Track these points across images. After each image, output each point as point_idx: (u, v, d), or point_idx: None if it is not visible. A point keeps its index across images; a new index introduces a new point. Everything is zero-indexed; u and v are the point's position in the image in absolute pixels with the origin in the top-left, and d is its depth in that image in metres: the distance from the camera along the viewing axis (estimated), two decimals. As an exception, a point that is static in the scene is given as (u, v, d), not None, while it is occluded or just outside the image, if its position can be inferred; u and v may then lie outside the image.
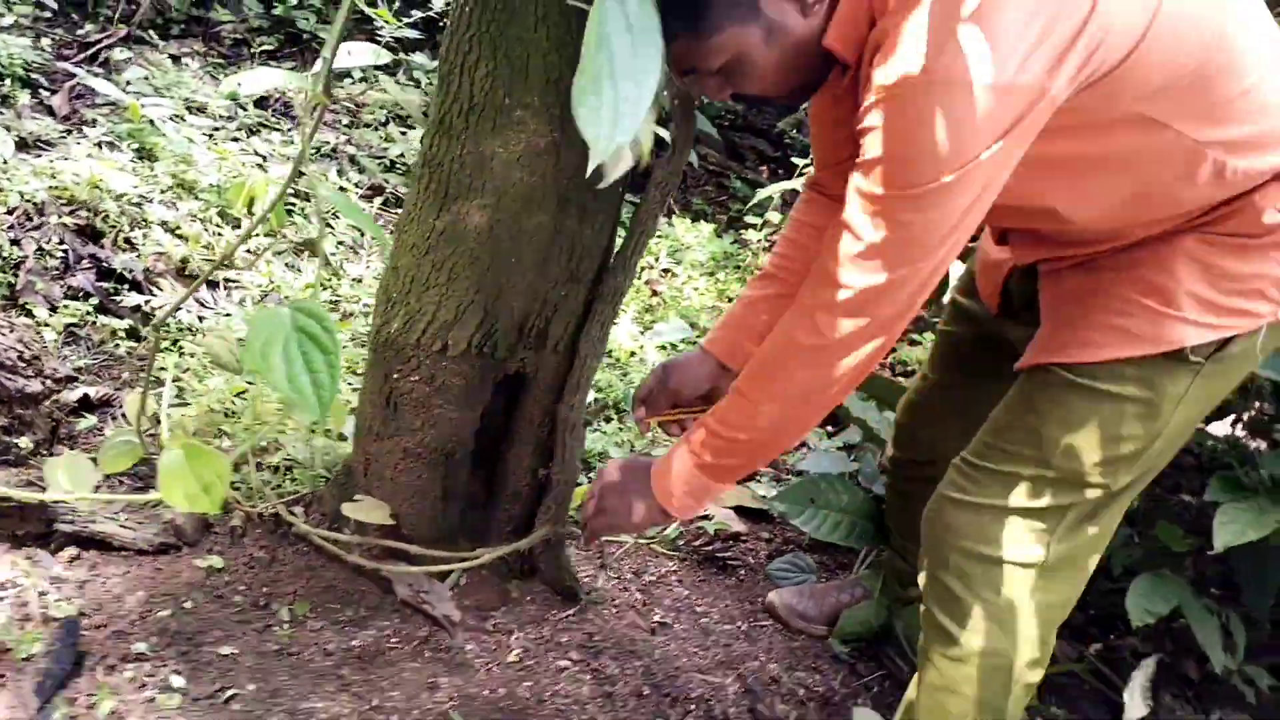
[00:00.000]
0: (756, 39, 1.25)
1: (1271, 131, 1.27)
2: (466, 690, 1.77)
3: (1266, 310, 1.34)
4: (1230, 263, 1.33)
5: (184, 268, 2.77)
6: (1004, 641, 1.50)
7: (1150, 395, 1.37)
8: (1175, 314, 1.33)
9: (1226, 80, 1.22)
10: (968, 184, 1.15)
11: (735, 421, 1.43)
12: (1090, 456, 1.41)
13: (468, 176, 1.60)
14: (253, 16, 4.37)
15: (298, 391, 1.02)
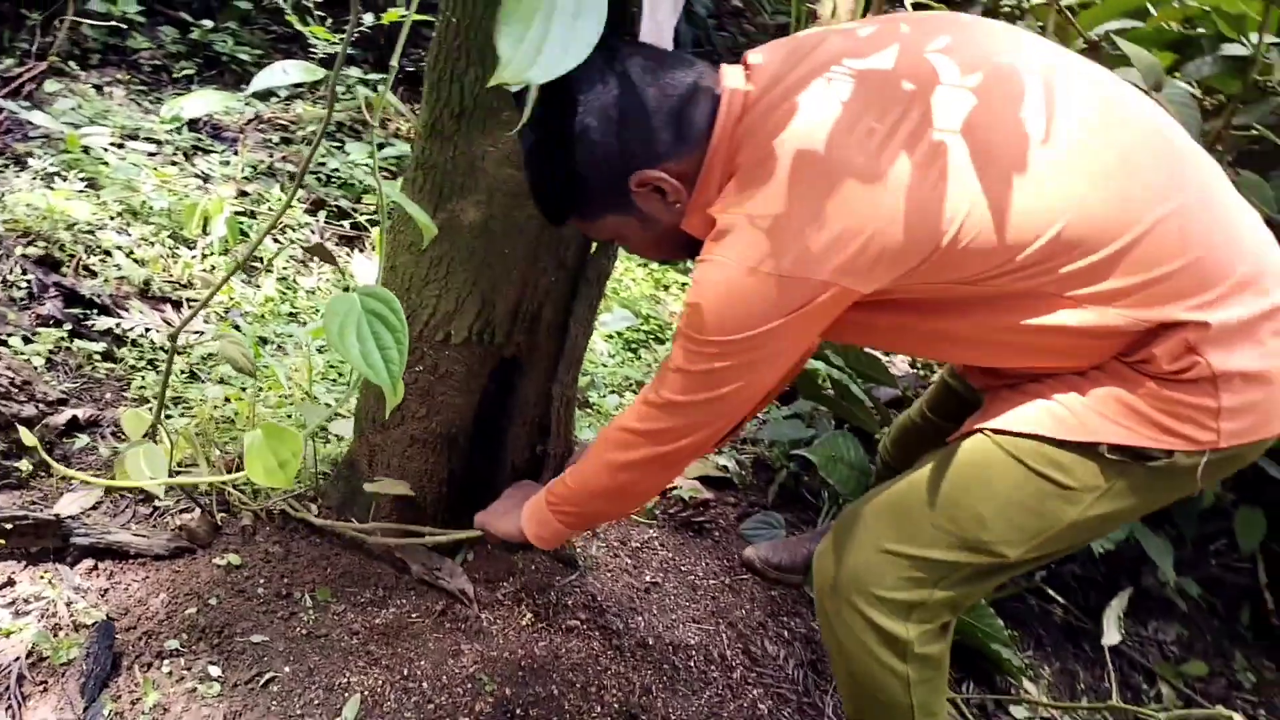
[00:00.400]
0: (634, 226, 1.50)
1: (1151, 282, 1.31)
2: (488, 654, 1.90)
3: (1204, 437, 1.35)
4: (1161, 387, 1.36)
5: (146, 290, 2.83)
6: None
7: (1069, 481, 1.41)
8: (1098, 410, 1.39)
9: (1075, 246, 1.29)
10: (747, 349, 1.35)
11: (572, 497, 1.68)
12: (995, 522, 1.45)
13: (461, 176, 1.73)
14: (169, 42, 4.39)
15: (371, 367, 1.14)
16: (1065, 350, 1.39)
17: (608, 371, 3.17)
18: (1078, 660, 2.43)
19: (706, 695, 1.97)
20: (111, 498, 2.14)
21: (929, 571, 1.48)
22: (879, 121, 1.28)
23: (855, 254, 1.27)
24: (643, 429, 1.51)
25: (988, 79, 1.31)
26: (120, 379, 2.50)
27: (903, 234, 1.27)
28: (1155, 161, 1.32)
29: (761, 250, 1.29)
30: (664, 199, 1.44)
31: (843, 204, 1.26)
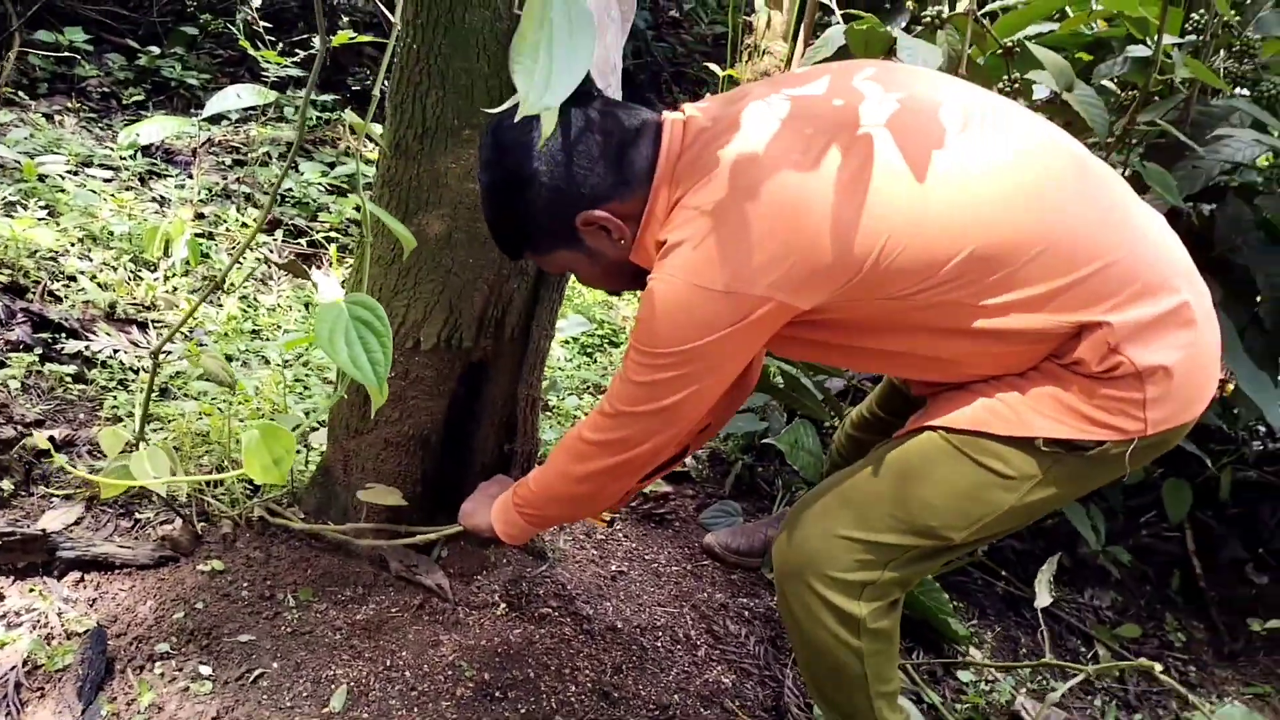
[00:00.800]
0: (583, 260, 1.64)
1: (1062, 289, 1.43)
2: (466, 643, 2.01)
3: (1133, 427, 1.48)
4: (1091, 383, 1.48)
5: (112, 312, 2.90)
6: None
7: (1008, 471, 1.53)
8: (1028, 405, 1.51)
9: (993, 260, 1.41)
10: (692, 360, 1.47)
11: (535, 500, 1.79)
12: (940, 509, 1.57)
13: (425, 191, 1.84)
14: (117, 69, 4.45)
15: (359, 369, 1.25)
16: (994, 357, 1.52)
17: (566, 375, 3.29)
18: (1019, 627, 2.58)
19: (674, 672, 2.09)
20: (93, 513, 2.22)
21: (880, 554, 1.60)
22: (810, 151, 1.42)
23: (789, 271, 1.40)
24: (597, 439, 1.62)
25: (909, 111, 1.45)
26: (92, 399, 2.58)
27: (831, 253, 1.39)
28: (1063, 179, 1.46)
29: (704, 267, 1.41)
30: (609, 236, 1.57)
31: (777, 225, 1.39)
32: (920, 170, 1.41)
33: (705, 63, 5.26)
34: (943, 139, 1.44)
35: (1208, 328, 1.52)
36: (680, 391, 1.51)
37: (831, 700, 1.76)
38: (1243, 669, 2.70)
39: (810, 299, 1.44)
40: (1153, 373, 1.45)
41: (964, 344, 1.51)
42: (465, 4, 1.70)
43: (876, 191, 1.39)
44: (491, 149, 1.56)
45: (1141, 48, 2.56)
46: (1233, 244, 2.62)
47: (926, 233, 1.40)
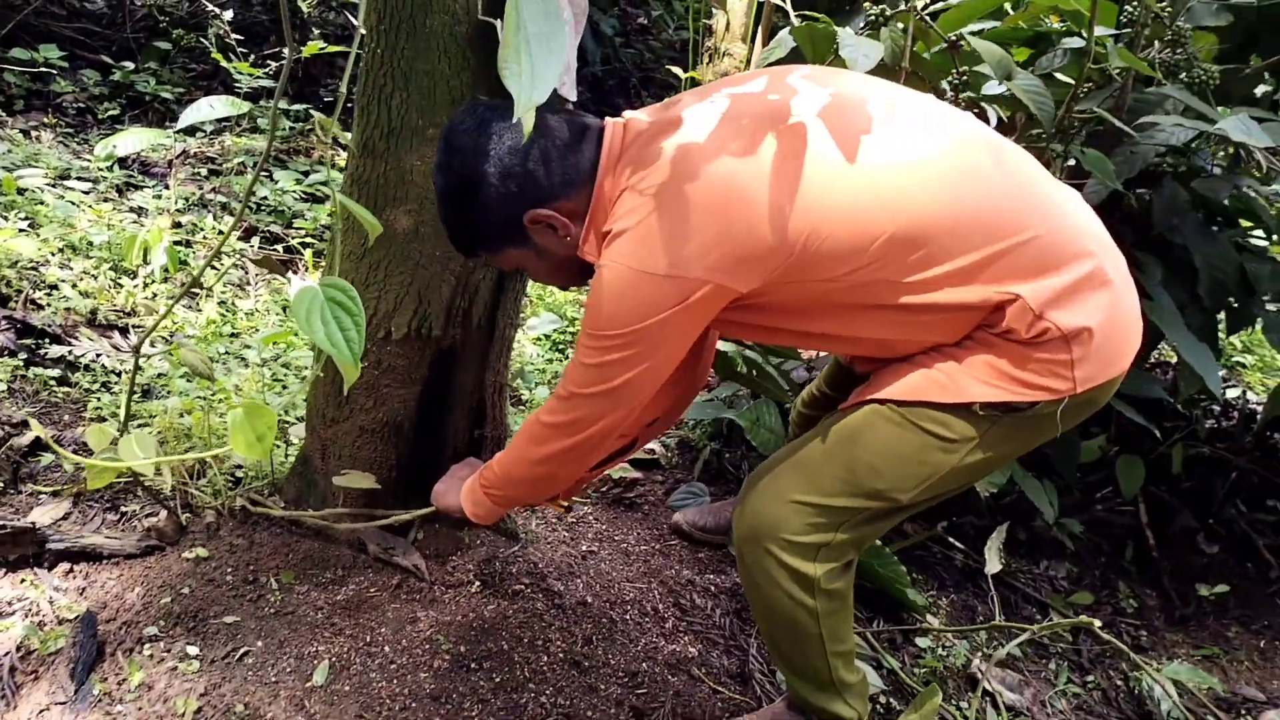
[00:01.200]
0: (533, 257, 1.74)
1: (981, 263, 1.54)
2: (442, 619, 2.10)
3: (1063, 386, 1.59)
4: (1020, 348, 1.58)
5: (93, 318, 2.98)
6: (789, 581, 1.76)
7: (949, 434, 1.64)
8: (964, 371, 1.61)
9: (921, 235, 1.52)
10: (637, 341, 1.56)
11: (499, 482, 1.88)
12: (886, 472, 1.67)
13: (392, 188, 1.94)
14: (92, 85, 4.52)
15: (335, 346, 1.35)
16: (926, 331, 1.63)
17: (537, 369, 3.39)
18: (976, 597, 2.68)
19: (642, 643, 2.19)
20: (80, 507, 2.30)
21: (832, 517, 1.71)
22: (745, 141, 1.53)
23: (726, 254, 1.50)
24: (553, 422, 1.72)
25: (838, 105, 1.58)
26: (77, 401, 2.66)
27: (766, 238, 1.50)
28: (978, 163, 1.58)
29: (645, 253, 1.52)
30: (556, 234, 1.67)
31: (714, 211, 1.50)
32: (850, 154, 1.52)
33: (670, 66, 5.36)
34: (869, 128, 1.56)
35: (1124, 290, 1.64)
36: (628, 372, 1.61)
37: (790, 659, 1.86)
38: (1193, 633, 2.82)
39: (747, 282, 1.54)
40: (1077, 334, 1.56)
41: (896, 320, 1.61)
42: (426, 9, 1.80)
43: (808, 179, 1.51)
44: (444, 152, 1.67)
45: (1077, 40, 2.68)
46: (1170, 225, 2.74)
47: (853, 217, 1.51)
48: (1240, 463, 3.36)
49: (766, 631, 1.87)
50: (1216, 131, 2.34)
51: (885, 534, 1.99)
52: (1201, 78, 2.67)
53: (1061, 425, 1.66)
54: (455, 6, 1.81)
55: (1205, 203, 2.88)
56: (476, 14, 1.83)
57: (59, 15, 4.79)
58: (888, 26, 2.62)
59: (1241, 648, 2.78)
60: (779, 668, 1.94)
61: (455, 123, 1.66)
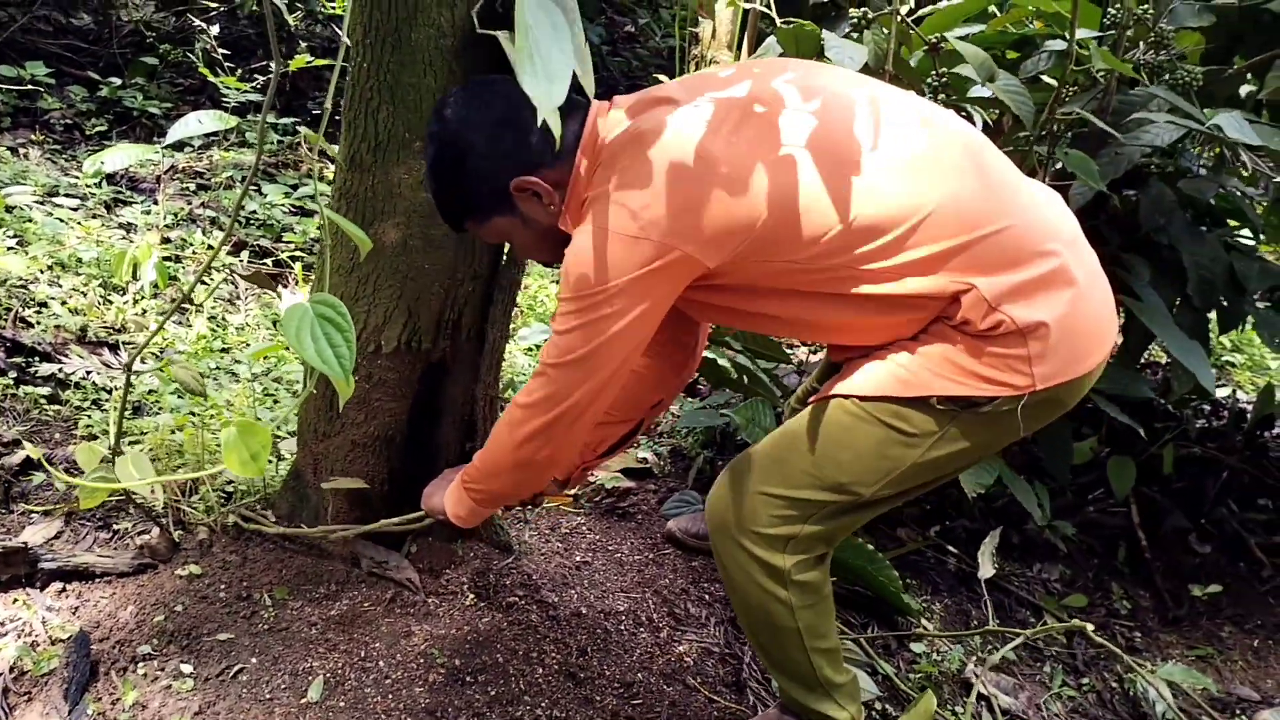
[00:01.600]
0: (518, 226, 1.76)
1: (940, 255, 1.57)
2: (437, 633, 2.09)
3: (1021, 382, 1.59)
4: (977, 342, 1.60)
5: (83, 336, 2.98)
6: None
7: (909, 429, 1.66)
8: (929, 368, 1.63)
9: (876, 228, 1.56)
10: (606, 303, 1.57)
11: (481, 476, 1.87)
12: (849, 467, 1.70)
13: (380, 201, 1.94)
14: (79, 101, 4.52)
15: (326, 363, 1.35)
16: (886, 321, 1.66)
17: (526, 379, 3.38)
18: (970, 601, 2.69)
19: (637, 653, 2.19)
20: (72, 526, 2.30)
21: (799, 509, 1.73)
22: (723, 120, 1.58)
23: (694, 224, 1.54)
24: (531, 400, 1.72)
25: (818, 96, 1.62)
26: (67, 419, 2.65)
27: (733, 212, 1.54)
28: (948, 156, 1.61)
29: (615, 215, 1.56)
30: (540, 202, 1.70)
31: (685, 182, 1.54)
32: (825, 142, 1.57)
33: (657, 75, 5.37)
34: (849, 119, 1.60)
35: (1091, 290, 1.64)
36: (598, 336, 1.61)
37: (770, 653, 1.89)
38: (1186, 633, 2.82)
39: (714, 255, 1.57)
40: (1034, 329, 1.57)
41: (855, 307, 1.64)
42: (411, 23, 1.80)
43: (779, 162, 1.55)
44: (435, 122, 1.72)
45: (1060, 42, 2.69)
46: (1158, 225, 2.75)
47: (818, 201, 1.55)
48: (1231, 462, 3.38)
49: (746, 626, 1.91)
50: (1210, 129, 2.36)
51: (879, 541, 2.01)
52: (1185, 79, 2.68)
53: (1026, 425, 1.66)
54: (441, 20, 1.81)
55: (1191, 203, 2.89)
56: (462, 27, 1.83)
57: (45, 32, 4.79)
58: (871, 30, 2.63)
59: (1235, 647, 2.79)
60: (764, 664, 1.96)
61: (446, 95, 1.74)
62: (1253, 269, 2.89)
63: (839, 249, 1.57)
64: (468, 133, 1.67)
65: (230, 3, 5.13)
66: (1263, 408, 3.50)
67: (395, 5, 1.79)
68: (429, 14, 1.80)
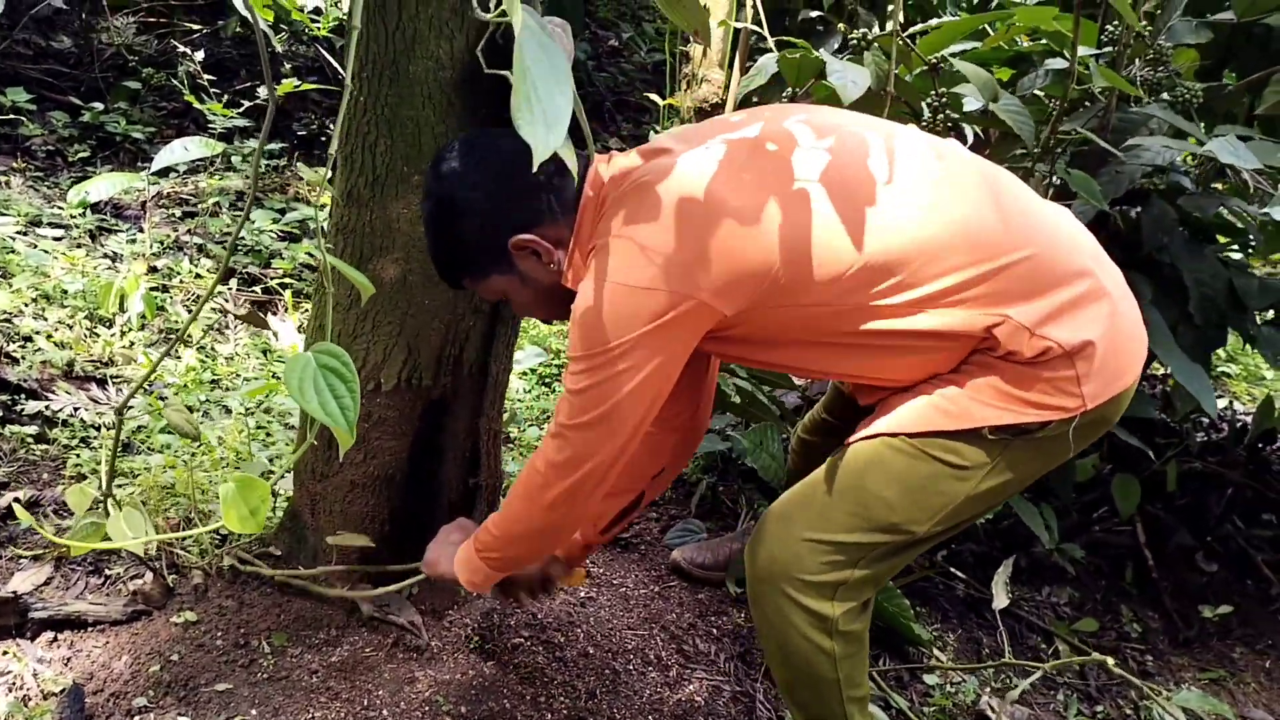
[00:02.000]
0: (517, 284, 1.71)
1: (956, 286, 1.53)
2: (441, 678, 2.04)
3: (1073, 404, 1.56)
4: (1023, 368, 1.56)
5: (70, 370, 2.91)
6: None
7: (961, 462, 1.61)
8: (971, 397, 1.58)
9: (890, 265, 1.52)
10: (621, 359, 1.50)
11: (497, 544, 1.78)
12: (901, 506, 1.64)
13: (379, 237, 1.89)
14: (61, 127, 4.45)
15: (329, 416, 1.30)
16: (914, 355, 1.61)
17: (525, 406, 3.34)
18: (980, 628, 2.65)
19: (647, 694, 2.14)
20: (63, 572, 2.23)
21: (848, 554, 1.67)
22: (732, 167, 1.53)
23: (708, 270, 1.48)
24: (549, 462, 1.64)
25: (836, 135, 1.58)
26: (55, 459, 2.59)
27: (748, 257, 1.49)
28: (964, 189, 1.58)
29: (624, 266, 1.49)
30: (539, 260, 1.66)
31: (695, 229, 1.48)
32: (845, 184, 1.53)
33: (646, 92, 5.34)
34: (863, 163, 1.56)
35: (1124, 302, 1.63)
36: (616, 394, 1.54)
37: (807, 707, 1.81)
38: (1197, 655, 2.79)
39: (730, 303, 1.52)
40: (1081, 349, 1.54)
41: (882, 347, 1.59)
42: (409, 55, 1.75)
43: (790, 204, 1.50)
44: (431, 179, 1.67)
45: (1060, 60, 2.66)
46: (1159, 243, 2.73)
47: (831, 241, 1.51)
48: (1234, 477, 3.35)
49: (783, 679, 1.82)
50: (1205, 154, 2.33)
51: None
52: (1185, 96, 2.66)
53: (1075, 445, 1.63)
54: (439, 52, 1.77)
55: (1186, 220, 2.87)
56: (461, 59, 1.78)
57: (25, 56, 4.72)
58: (870, 51, 2.60)
59: (1247, 669, 2.75)
60: (793, 712, 1.89)
61: (443, 150, 1.68)
62: (1252, 286, 2.86)
63: (858, 286, 1.53)
64: (464, 190, 1.63)
65: (213, 25, 5.07)
66: (1263, 421, 3.48)
67: (393, 38, 1.74)
68: (427, 46, 1.76)
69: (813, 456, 2.18)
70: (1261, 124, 3.09)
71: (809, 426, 2.28)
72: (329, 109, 4.97)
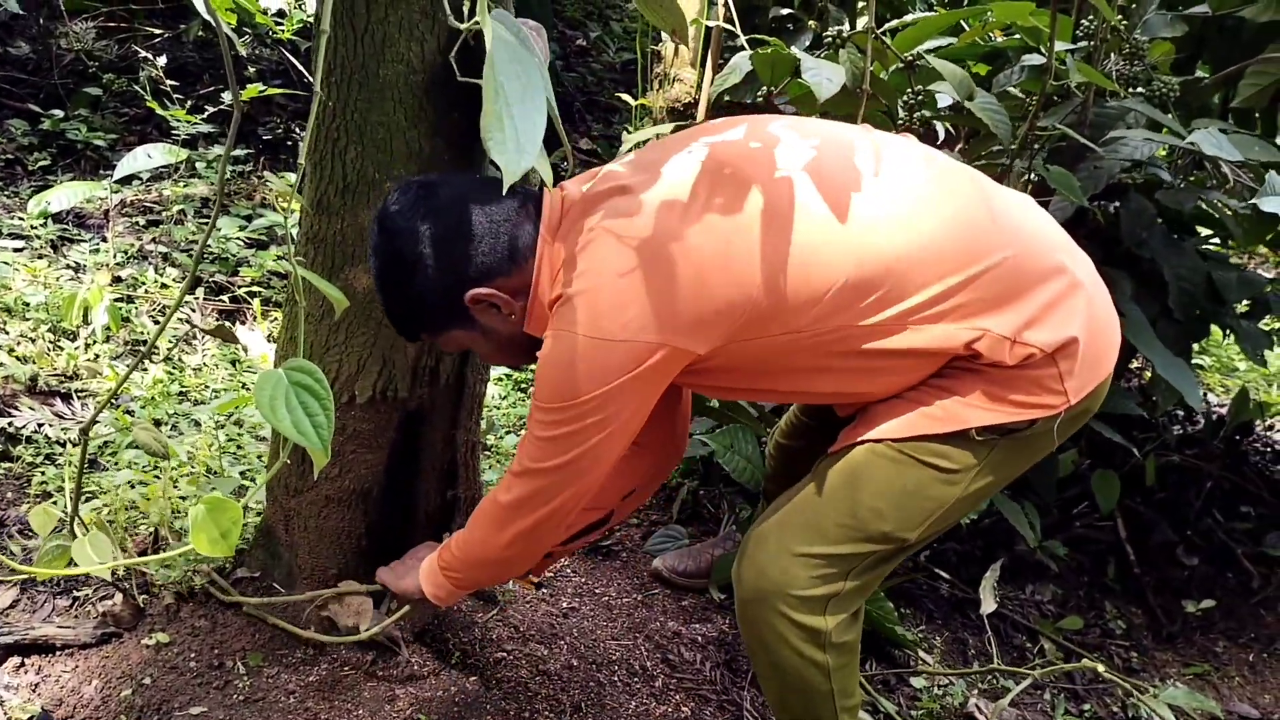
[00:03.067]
0: (478, 338, 1.68)
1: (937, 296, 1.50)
2: (422, 696, 1.99)
3: (1058, 401, 1.55)
4: (1005, 374, 1.54)
5: (34, 385, 2.84)
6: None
7: (950, 465, 1.60)
8: (961, 400, 1.57)
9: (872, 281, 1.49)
10: (592, 411, 1.48)
11: (459, 565, 1.78)
12: (891, 514, 1.62)
13: (350, 246, 1.84)
14: (20, 135, 4.35)
15: (303, 435, 1.25)
16: (895, 374, 1.59)
17: (501, 413, 3.29)
18: (965, 629, 2.63)
19: (633, 705, 2.10)
20: (29, 594, 2.17)
21: (839, 565, 1.64)
22: (695, 199, 1.49)
23: (679, 315, 1.45)
24: (510, 500, 1.63)
25: (812, 148, 1.54)
26: (19, 477, 2.52)
27: (721, 295, 1.46)
28: (930, 199, 1.55)
29: (593, 318, 1.45)
30: (499, 312, 1.61)
31: (663, 272, 1.44)
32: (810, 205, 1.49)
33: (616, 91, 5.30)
34: (845, 181, 1.52)
35: (1096, 288, 1.62)
36: (583, 444, 1.53)
37: (798, 718, 1.78)
38: (1181, 650, 2.79)
39: (705, 342, 1.49)
40: (1063, 348, 1.53)
41: (862, 368, 1.57)
42: (379, 59, 1.71)
43: (760, 232, 1.46)
44: (378, 235, 1.60)
45: (1036, 56, 2.65)
46: (1139, 238, 2.72)
47: (807, 266, 1.47)
48: (1212, 470, 3.35)
49: (776, 694, 1.79)
50: (1188, 145, 2.32)
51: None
52: (1162, 90, 2.65)
53: (1058, 439, 1.63)
54: (410, 55, 1.72)
55: (1164, 212, 2.86)
56: (432, 63, 1.74)
57: (-19, 63, 4.62)
58: (845, 48, 2.57)
59: (1231, 663, 2.75)
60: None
61: (388, 204, 1.60)
62: (1231, 279, 2.86)
63: (838, 308, 1.50)
64: (414, 246, 1.56)
65: (174, 29, 4.98)
66: (1238, 413, 3.49)
67: (362, 41, 1.69)
68: (397, 49, 1.71)
69: (791, 461, 2.15)
70: (1235, 116, 3.09)
71: (786, 430, 2.24)
72: (295, 113, 4.89)
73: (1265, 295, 3.00)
